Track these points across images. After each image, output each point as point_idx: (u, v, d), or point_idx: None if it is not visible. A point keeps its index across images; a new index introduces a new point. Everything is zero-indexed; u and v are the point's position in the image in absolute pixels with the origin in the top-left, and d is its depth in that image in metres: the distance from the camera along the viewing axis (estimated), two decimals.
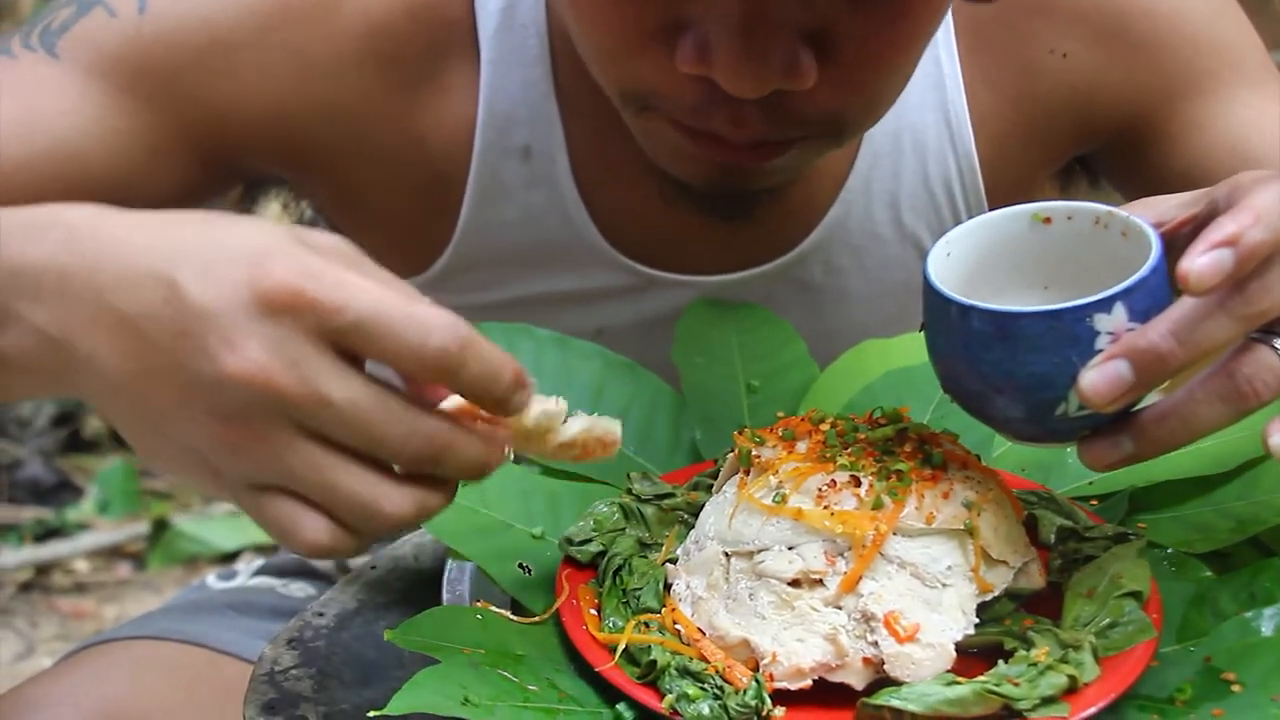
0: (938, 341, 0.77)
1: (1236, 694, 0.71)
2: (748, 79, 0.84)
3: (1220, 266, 0.69)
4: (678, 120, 0.91)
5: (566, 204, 1.08)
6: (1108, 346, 0.71)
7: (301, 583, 1.25)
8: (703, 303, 1.07)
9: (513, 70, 1.05)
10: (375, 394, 0.63)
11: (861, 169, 1.11)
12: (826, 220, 1.12)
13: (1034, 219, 0.80)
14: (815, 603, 0.74)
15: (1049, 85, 1.10)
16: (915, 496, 0.75)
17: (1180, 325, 0.70)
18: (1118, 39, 1.08)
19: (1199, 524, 0.85)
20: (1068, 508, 0.85)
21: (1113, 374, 0.71)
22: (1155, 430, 0.73)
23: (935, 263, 0.78)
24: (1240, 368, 0.71)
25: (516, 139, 1.06)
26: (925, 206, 1.13)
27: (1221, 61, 1.09)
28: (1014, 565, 0.77)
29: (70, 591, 2.72)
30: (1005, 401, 0.74)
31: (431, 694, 0.69)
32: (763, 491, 0.77)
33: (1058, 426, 0.75)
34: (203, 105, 1.01)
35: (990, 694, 0.69)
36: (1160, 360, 0.70)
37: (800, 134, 0.92)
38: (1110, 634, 0.74)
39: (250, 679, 0.78)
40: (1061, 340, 0.71)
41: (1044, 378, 0.72)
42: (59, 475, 3.06)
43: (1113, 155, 1.14)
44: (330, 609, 0.85)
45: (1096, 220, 0.78)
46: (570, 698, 0.72)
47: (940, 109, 1.11)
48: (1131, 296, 0.71)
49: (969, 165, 1.12)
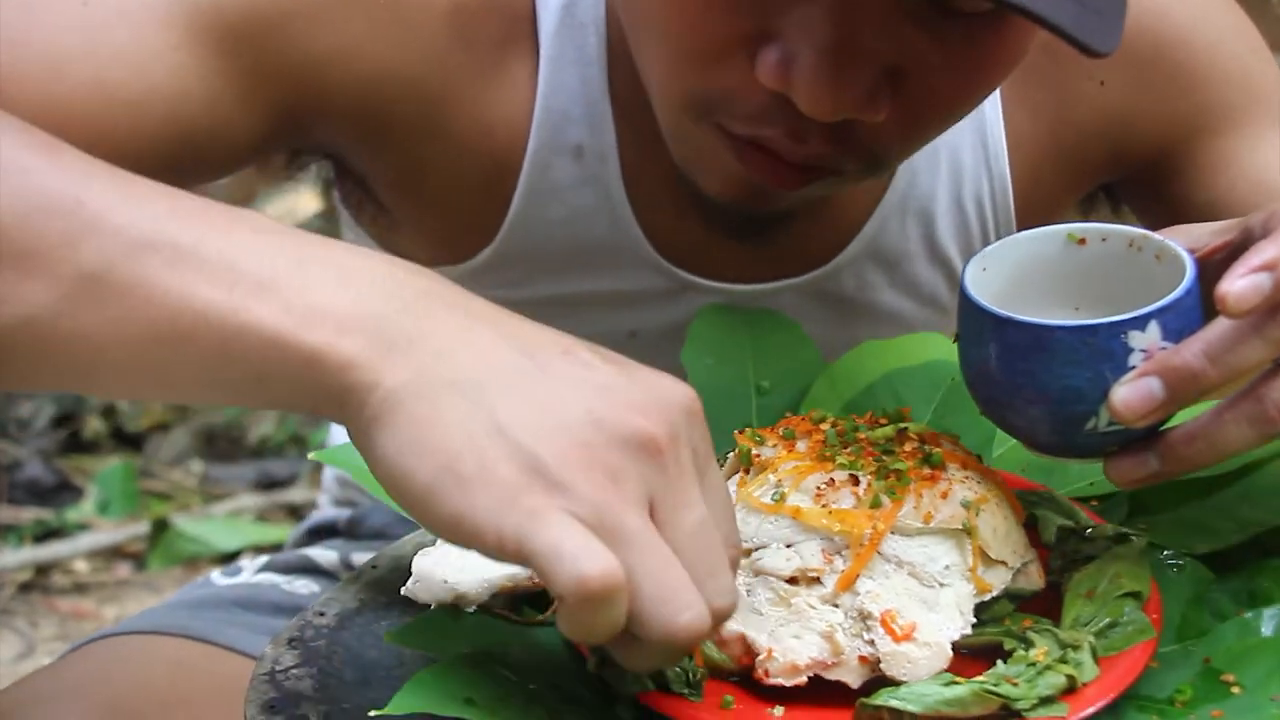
0: (971, 353, 0.78)
1: (1236, 695, 0.71)
2: (827, 102, 0.84)
3: (1259, 290, 0.70)
4: (732, 131, 0.90)
5: (614, 205, 1.08)
6: (1140, 363, 0.73)
7: (305, 580, 1.25)
8: (715, 307, 1.06)
9: (570, 68, 1.05)
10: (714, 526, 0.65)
11: (899, 186, 1.11)
12: (862, 235, 1.12)
13: (1069, 239, 0.81)
14: (812, 600, 0.74)
15: (1086, 111, 1.10)
16: (913, 496, 0.75)
17: (1214, 346, 0.72)
18: (1154, 68, 1.09)
19: (1200, 525, 0.85)
20: (1068, 508, 0.85)
21: (1145, 390, 0.72)
22: (1183, 450, 0.75)
23: (972, 276, 0.79)
24: (1269, 393, 0.72)
25: (570, 138, 1.06)
26: (957, 225, 1.14)
27: (1252, 98, 1.10)
28: (1013, 566, 0.77)
29: (70, 592, 2.72)
30: (1036, 414, 0.76)
31: (433, 694, 0.69)
32: (761, 490, 0.77)
33: (1086, 441, 0.76)
34: (305, 51, 0.98)
35: (989, 694, 0.69)
36: (1193, 379, 0.72)
37: (843, 166, 0.92)
38: (1110, 634, 0.74)
39: (251, 678, 0.78)
40: (1095, 355, 0.73)
41: (1076, 391, 0.74)
42: (59, 476, 3.06)
43: (1139, 184, 1.15)
44: (331, 608, 0.85)
45: (1131, 243, 0.79)
46: (571, 697, 0.73)
47: (978, 129, 1.11)
48: (1166, 316, 0.73)
49: (1002, 186, 1.13)
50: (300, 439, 3.35)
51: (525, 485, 0.61)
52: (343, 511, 1.39)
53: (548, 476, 0.61)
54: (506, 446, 0.61)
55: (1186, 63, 1.09)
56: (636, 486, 0.62)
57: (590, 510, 0.61)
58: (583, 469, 0.61)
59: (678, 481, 0.64)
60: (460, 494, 0.61)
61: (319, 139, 1.05)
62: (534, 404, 0.63)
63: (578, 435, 0.62)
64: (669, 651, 0.63)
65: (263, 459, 3.31)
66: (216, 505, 3.02)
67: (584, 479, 0.61)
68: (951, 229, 1.14)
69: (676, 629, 0.61)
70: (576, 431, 0.62)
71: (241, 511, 2.98)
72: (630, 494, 0.62)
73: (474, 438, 0.62)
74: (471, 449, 0.61)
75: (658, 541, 0.62)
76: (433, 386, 0.63)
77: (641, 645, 0.63)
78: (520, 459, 0.61)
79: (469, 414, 0.62)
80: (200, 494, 3.11)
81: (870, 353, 1.02)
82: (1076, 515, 0.84)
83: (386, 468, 0.63)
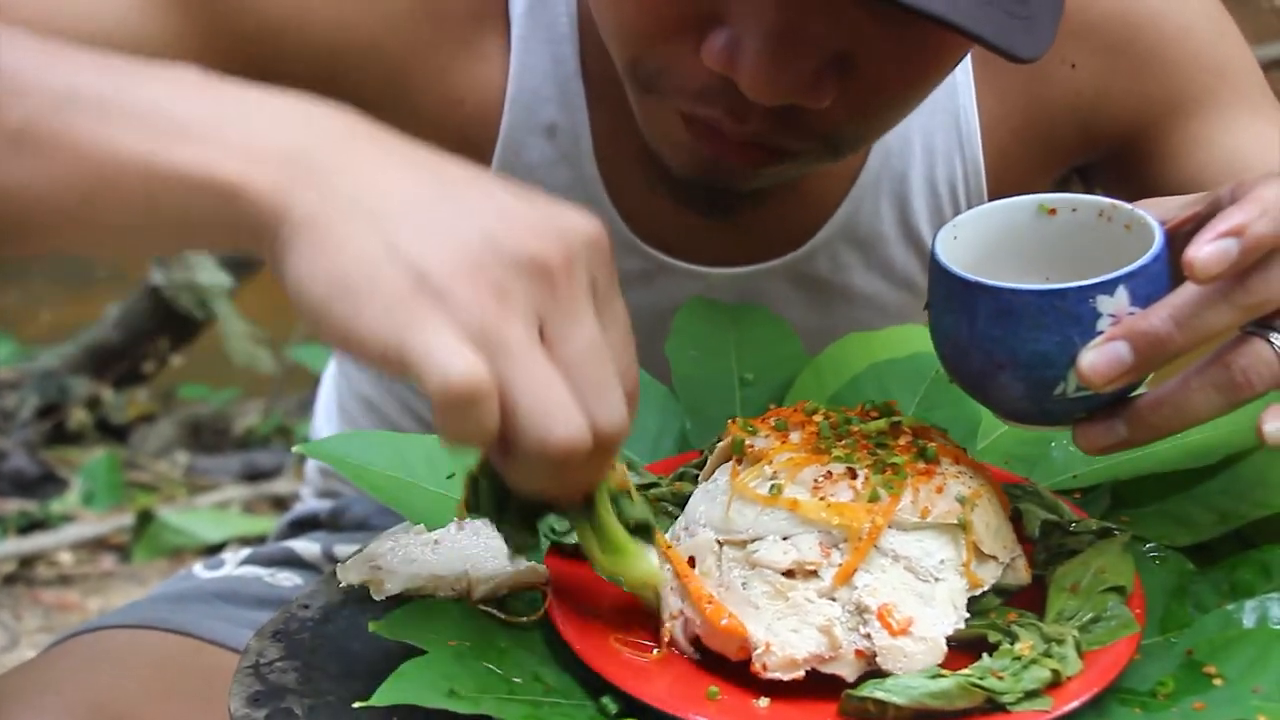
0: (942, 320, 0.78)
1: (1218, 687, 0.71)
2: (767, 87, 0.85)
3: (1225, 255, 0.71)
4: (678, 106, 0.92)
5: (587, 184, 1.08)
6: (1109, 328, 0.73)
7: (288, 572, 1.25)
8: (700, 301, 1.07)
9: (541, 47, 1.05)
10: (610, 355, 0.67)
11: (872, 168, 1.12)
12: (836, 217, 1.12)
13: (1039, 209, 0.82)
14: (810, 594, 0.74)
15: (1056, 93, 1.11)
16: (911, 490, 0.75)
17: (1181, 311, 0.72)
18: (1125, 51, 1.09)
19: (1181, 517, 0.86)
20: (1052, 501, 0.85)
21: (1112, 355, 0.73)
22: (1150, 416, 0.75)
23: (943, 244, 0.79)
24: (1236, 359, 0.73)
25: (542, 117, 1.06)
26: (931, 208, 1.14)
27: (1223, 81, 1.10)
28: (1003, 561, 0.77)
29: (54, 584, 2.72)
30: (1006, 380, 0.76)
31: (416, 686, 0.69)
32: (757, 481, 0.77)
33: (1055, 407, 0.76)
34: (260, 14, 0.99)
35: (974, 687, 0.70)
36: (1159, 343, 0.72)
37: (797, 146, 0.93)
38: (1093, 628, 0.75)
39: (235, 671, 0.78)
40: (1064, 319, 0.73)
41: (1045, 356, 0.74)
42: (43, 467, 3.06)
43: (1111, 167, 1.15)
44: (315, 601, 0.84)
45: (1101, 213, 0.80)
46: (555, 690, 0.73)
47: (951, 111, 1.12)
48: (1134, 281, 0.73)
49: (975, 169, 1.13)
50: (286, 430, 3.35)
51: (409, 296, 0.63)
52: (325, 503, 1.39)
53: (432, 288, 0.63)
54: (397, 262, 0.63)
55: (1158, 46, 1.10)
56: (524, 304, 0.64)
57: (470, 320, 0.63)
58: (469, 283, 0.63)
59: (569, 303, 0.65)
60: (350, 307, 0.63)
61: None
62: (431, 225, 0.65)
63: (469, 253, 0.64)
64: (547, 467, 0.65)
65: (248, 450, 3.30)
66: (201, 497, 3.02)
67: (468, 292, 0.63)
68: (926, 211, 1.14)
69: (550, 441, 0.63)
70: (468, 249, 0.64)
71: (227, 503, 2.98)
72: (515, 309, 0.64)
73: (367, 255, 0.64)
74: (363, 265, 0.64)
75: (539, 355, 0.64)
76: (338, 211, 0.65)
77: (522, 461, 0.65)
78: (408, 273, 0.63)
79: (367, 234, 0.64)
80: (185, 485, 3.10)
81: (855, 345, 1.02)
82: (1060, 509, 0.84)
83: (293, 289, 0.65)
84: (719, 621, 0.74)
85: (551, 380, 0.64)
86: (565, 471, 0.65)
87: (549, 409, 0.63)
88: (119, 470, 3.03)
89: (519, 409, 0.63)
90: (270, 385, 3.55)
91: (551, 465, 0.64)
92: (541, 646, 0.77)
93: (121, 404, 3.37)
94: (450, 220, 0.65)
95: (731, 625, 0.74)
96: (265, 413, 3.44)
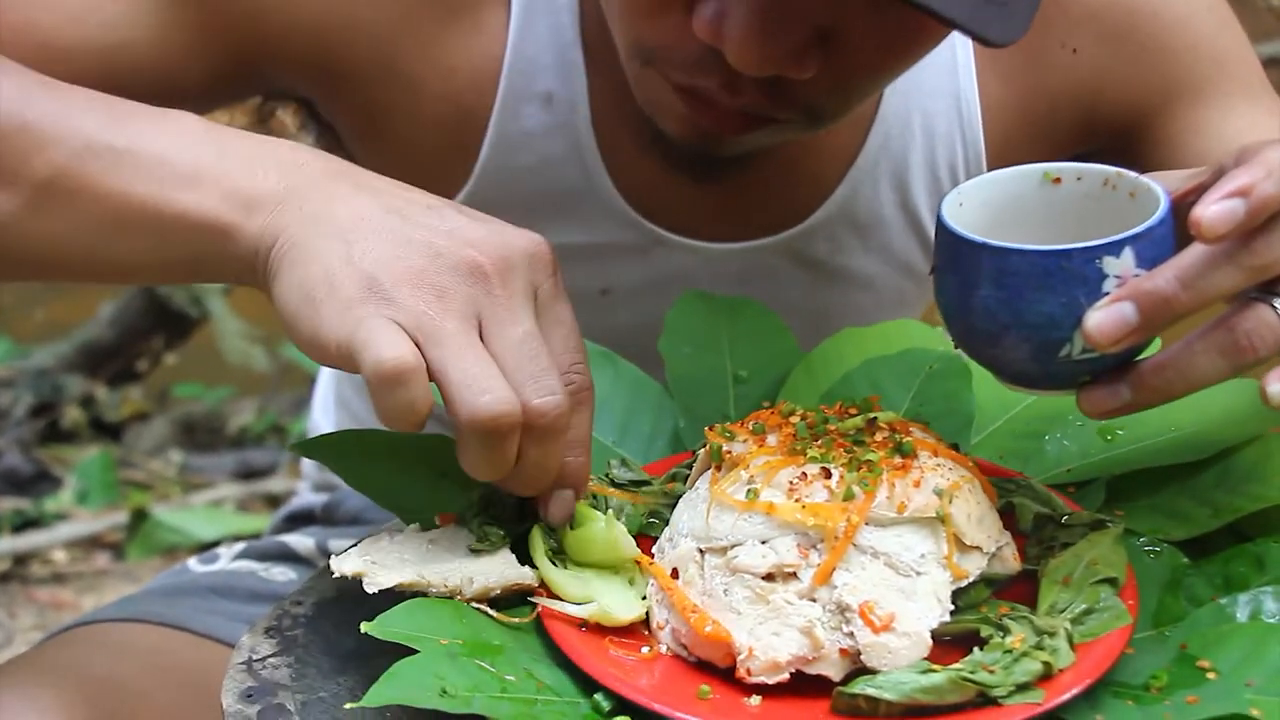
0: (948, 282, 0.78)
1: (1211, 680, 0.71)
2: (754, 58, 0.86)
3: (1233, 215, 0.71)
4: (674, 79, 0.93)
5: (584, 154, 1.09)
6: (1114, 290, 0.73)
7: (282, 567, 1.25)
8: (694, 294, 1.06)
9: (541, 16, 1.06)
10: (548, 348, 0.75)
11: (872, 149, 1.12)
12: (834, 197, 1.13)
13: (1045, 178, 0.82)
14: (790, 596, 0.74)
15: (1058, 79, 1.11)
16: (886, 486, 0.75)
17: (1187, 272, 0.72)
18: (1126, 38, 1.10)
19: (1175, 511, 0.86)
20: (1045, 495, 0.85)
21: (1118, 315, 0.73)
22: (1154, 380, 0.76)
23: (949, 208, 0.80)
24: (1240, 323, 0.73)
25: (540, 85, 1.07)
26: (931, 191, 1.14)
27: (1222, 71, 1.11)
28: (988, 550, 0.77)
29: (48, 582, 2.72)
30: (1011, 342, 0.76)
31: (409, 685, 0.69)
32: (734, 487, 0.77)
33: (1060, 370, 0.77)
34: (246, 3, 1.02)
35: (965, 681, 0.69)
36: (1165, 304, 0.72)
37: (784, 116, 0.94)
38: (1086, 620, 0.75)
39: (228, 667, 0.78)
40: (1070, 280, 0.74)
41: (1051, 317, 0.74)
42: (37, 465, 3.05)
43: (1111, 155, 1.15)
44: (309, 597, 0.84)
45: (1105, 181, 0.80)
46: (548, 688, 0.72)
47: (952, 95, 1.12)
48: (1140, 243, 0.74)
49: (975, 152, 1.14)
50: (280, 428, 3.34)
51: (360, 299, 0.73)
52: (320, 497, 1.39)
53: (380, 292, 0.73)
54: (354, 273, 0.74)
55: (1158, 35, 1.10)
56: (462, 303, 0.74)
57: (410, 316, 0.73)
58: (412, 286, 0.74)
59: (505, 303, 0.75)
60: (313, 313, 0.74)
61: (278, 83, 1.09)
62: (387, 243, 0.75)
63: (415, 262, 0.74)
64: (481, 439, 0.72)
65: (242, 449, 3.30)
66: (196, 495, 3.01)
67: (411, 293, 0.73)
68: (925, 195, 1.15)
69: (478, 409, 0.71)
70: (415, 260, 0.74)
71: (221, 501, 2.97)
72: (453, 307, 0.73)
73: (330, 269, 0.75)
74: (325, 277, 0.74)
75: (473, 342, 0.73)
76: (312, 234, 0.76)
77: (462, 440, 0.74)
78: (361, 280, 0.74)
79: (331, 250, 0.75)
80: (179, 484, 3.10)
81: (848, 340, 1.02)
82: (1053, 502, 0.84)
83: (278, 308, 0.77)
84: (703, 630, 0.74)
85: (481, 360, 0.72)
86: (499, 446, 0.73)
87: (476, 383, 0.72)
88: (113, 468, 3.02)
89: (450, 386, 0.72)
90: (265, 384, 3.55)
91: (485, 437, 0.72)
92: (535, 645, 0.77)
93: (116, 402, 3.36)
94: (403, 236, 0.75)
95: (715, 633, 0.74)
96: (259, 411, 3.44)
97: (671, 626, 0.76)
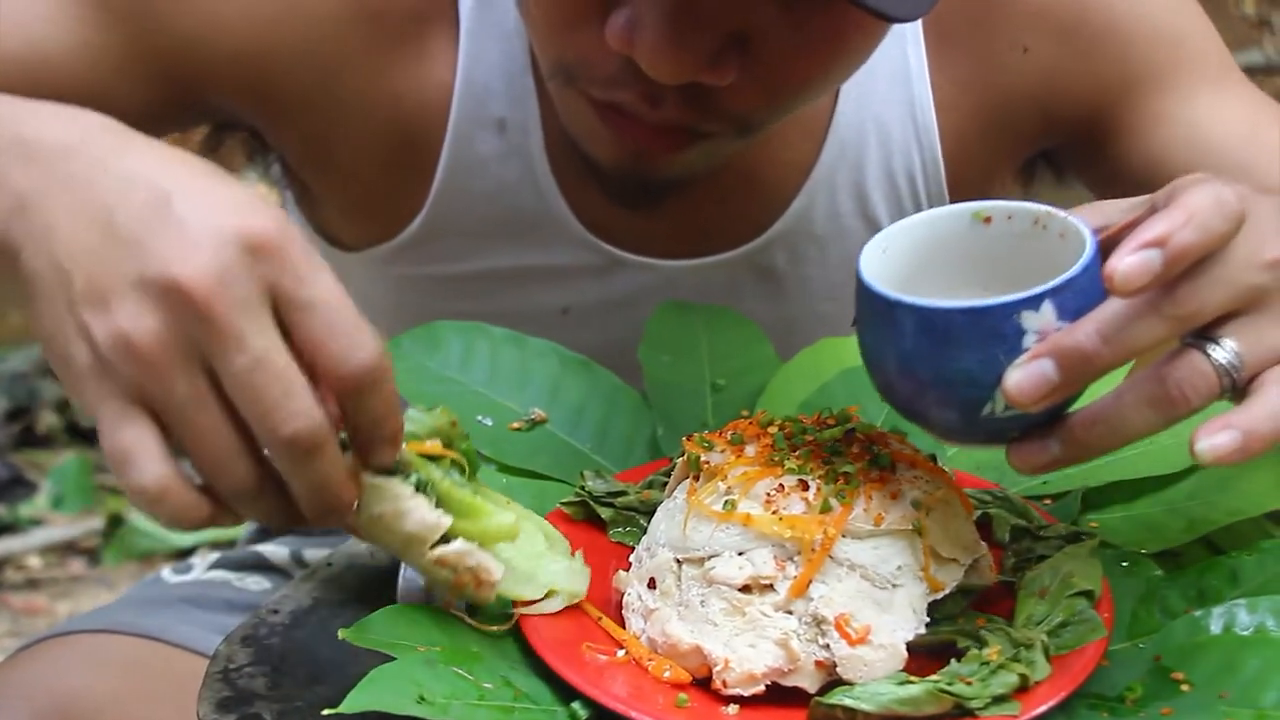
0: (868, 338, 0.76)
1: (1186, 693, 0.72)
2: (667, 65, 0.85)
3: (1147, 267, 0.67)
4: (593, 96, 0.92)
5: (538, 179, 1.09)
6: (1035, 345, 0.70)
7: (257, 577, 1.24)
8: (672, 303, 1.07)
9: (491, 42, 1.06)
10: (288, 364, 0.65)
11: (827, 160, 1.12)
12: (792, 209, 1.13)
13: (974, 218, 0.79)
14: (766, 608, 0.74)
15: (1010, 79, 1.10)
16: (863, 498, 0.75)
17: (1107, 325, 0.69)
18: (1077, 32, 1.09)
19: (1150, 523, 0.86)
20: (1021, 507, 0.86)
21: (1037, 373, 0.69)
22: (1084, 435, 0.72)
23: (870, 258, 0.77)
24: (1171, 373, 0.70)
25: (492, 111, 1.07)
26: (890, 200, 1.14)
27: (1181, 56, 1.10)
28: (964, 562, 0.77)
29: (23, 587, 2.70)
30: (933, 400, 0.73)
31: (386, 692, 0.69)
32: (712, 498, 0.77)
33: (987, 427, 0.73)
34: (172, 30, 1.01)
35: (942, 693, 0.70)
36: (1085, 360, 0.69)
37: (710, 129, 0.93)
38: (1062, 633, 0.75)
39: (204, 676, 0.77)
40: (988, 337, 0.70)
41: (970, 376, 0.71)
42: (12, 470, 3.04)
43: (1075, 150, 1.15)
44: (285, 606, 0.84)
45: (1036, 221, 0.77)
46: (525, 695, 0.72)
47: (906, 102, 1.12)
48: (1060, 295, 0.70)
49: (932, 159, 1.13)
50: None
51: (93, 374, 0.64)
52: None
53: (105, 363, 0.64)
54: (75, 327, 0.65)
55: (1111, 25, 1.09)
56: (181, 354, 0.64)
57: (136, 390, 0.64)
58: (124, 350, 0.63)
59: (222, 330, 0.63)
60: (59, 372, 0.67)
61: (222, 110, 1.08)
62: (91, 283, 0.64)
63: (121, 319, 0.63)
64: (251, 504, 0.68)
65: None
66: None
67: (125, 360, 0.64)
68: (885, 204, 1.14)
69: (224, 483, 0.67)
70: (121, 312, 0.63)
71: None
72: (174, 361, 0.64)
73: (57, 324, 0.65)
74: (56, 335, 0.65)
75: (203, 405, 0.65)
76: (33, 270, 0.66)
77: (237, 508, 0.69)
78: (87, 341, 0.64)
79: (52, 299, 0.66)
80: None
81: (826, 350, 1.02)
82: (1029, 514, 0.85)
83: None
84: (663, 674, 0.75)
85: (216, 429, 0.65)
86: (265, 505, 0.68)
87: (217, 459, 0.66)
88: (89, 473, 3.01)
89: (199, 467, 0.67)
90: None
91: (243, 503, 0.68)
92: (512, 652, 0.76)
93: None
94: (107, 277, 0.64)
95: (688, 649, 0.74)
96: None
97: (648, 636, 0.77)
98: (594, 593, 0.80)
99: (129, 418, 0.65)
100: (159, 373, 0.64)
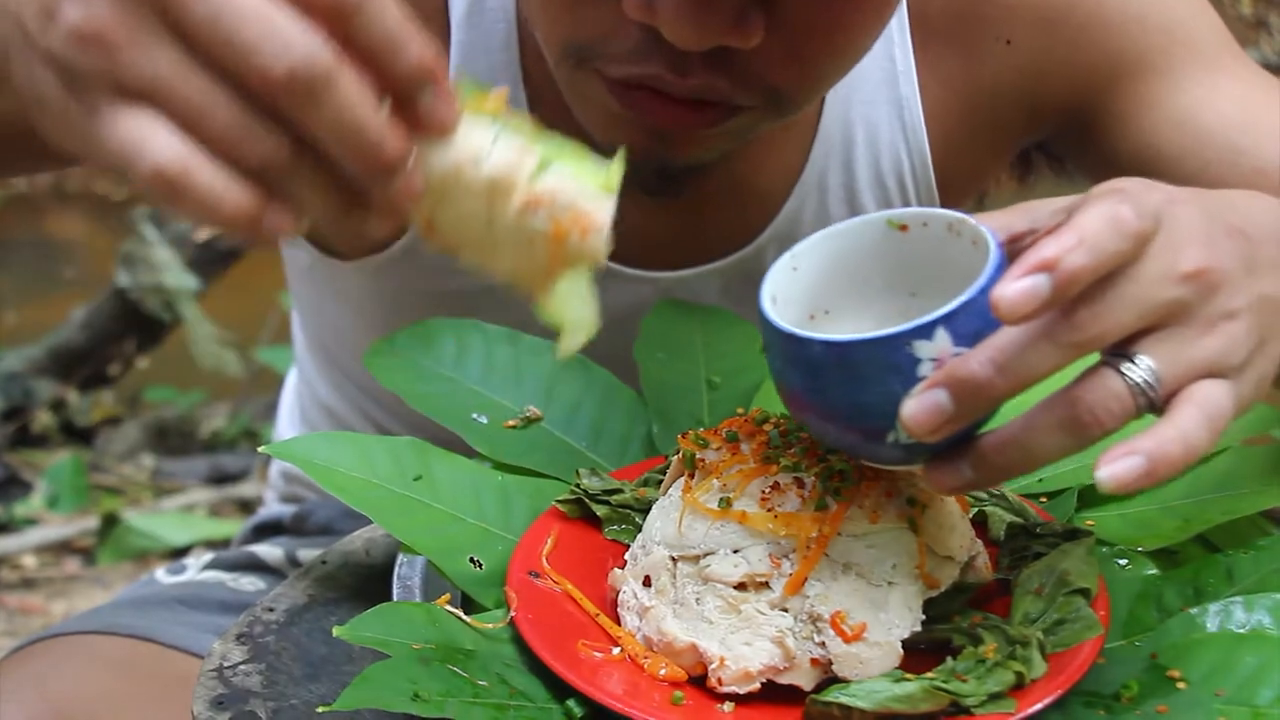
0: (773, 365, 0.74)
1: (1181, 691, 0.72)
2: (691, 28, 0.83)
3: (1035, 293, 0.63)
4: (612, 77, 0.90)
5: None
6: (932, 373, 0.67)
7: (251, 577, 1.24)
8: (669, 303, 1.07)
9: (481, 55, 1.05)
10: None
11: (816, 162, 1.12)
12: (782, 214, 1.12)
13: (889, 225, 0.76)
14: (761, 606, 0.74)
15: (995, 73, 1.10)
16: (859, 496, 0.75)
17: (1002, 353, 0.65)
18: (1064, 20, 1.08)
19: (1146, 521, 0.86)
20: (1018, 505, 0.86)
21: (932, 404, 0.66)
22: (995, 458, 0.69)
23: (778, 278, 0.75)
24: (1084, 395, 0.66)
25: None
26: (880, 201, 1.14)
27: (1172, 39, 1.08)
28: (960, 560, 0.77)
29: (18, 587, 2.70)
30: (837, 428, 0.72)
31: (381, 689, 0.68)
32: (707, 496, 0.77)
33: (895, 453, 0.71)
34: None
35: (938, 690, 0.70)
36: (979, 390, 0.65)
37: (740, 100, 0.90)
38: (1058, 631, 0.75)
39: (199, 674, 0.77)
40: (881, 369, 0.68)
41: (867, 407, 0.69)
42: (7, 470, 3.04)
43: (1067, 140, 1.14)
44: (280, 604, 0.84)
45: (949, 227, 0.74)
46: (520, 693, 0.72)
47: (893, 102, 1.11)
48: (955, 321, 0.67)
49: (921, 158, 1.13)
50: (252, 433, 3.34)
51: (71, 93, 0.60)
52: (288, 508, 1.38)
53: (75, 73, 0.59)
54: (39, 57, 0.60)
55: (1095, 13, 1.08)
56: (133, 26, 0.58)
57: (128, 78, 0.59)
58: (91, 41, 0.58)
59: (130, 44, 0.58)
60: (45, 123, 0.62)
61: None
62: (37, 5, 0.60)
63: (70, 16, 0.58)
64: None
65: (214, 453, 3.29)
66: (167, 500, 3.00)
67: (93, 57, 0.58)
68: (875, 205, 1.14)
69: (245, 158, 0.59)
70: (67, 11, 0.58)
71: (193, 506, 2.97)
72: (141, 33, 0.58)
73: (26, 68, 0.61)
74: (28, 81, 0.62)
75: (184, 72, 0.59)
76: None
77: None
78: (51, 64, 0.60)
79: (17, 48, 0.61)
80: (151, 488, 3.09)
81: None
82: (1025, 512, 0.85)
83: None
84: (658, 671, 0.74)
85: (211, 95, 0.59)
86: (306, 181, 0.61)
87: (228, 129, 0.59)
88: (84, 473, 3.01)
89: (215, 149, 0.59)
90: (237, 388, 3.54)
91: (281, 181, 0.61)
92: (507, 650, 0.76)
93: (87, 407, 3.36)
94: None
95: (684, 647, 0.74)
96: (231, 416, 3.43)
97: (643, 633, 0.77)
98: (589, 590, 0.80)
99: (121, 111, 0.59)
100: (126, 51, 0.58)
